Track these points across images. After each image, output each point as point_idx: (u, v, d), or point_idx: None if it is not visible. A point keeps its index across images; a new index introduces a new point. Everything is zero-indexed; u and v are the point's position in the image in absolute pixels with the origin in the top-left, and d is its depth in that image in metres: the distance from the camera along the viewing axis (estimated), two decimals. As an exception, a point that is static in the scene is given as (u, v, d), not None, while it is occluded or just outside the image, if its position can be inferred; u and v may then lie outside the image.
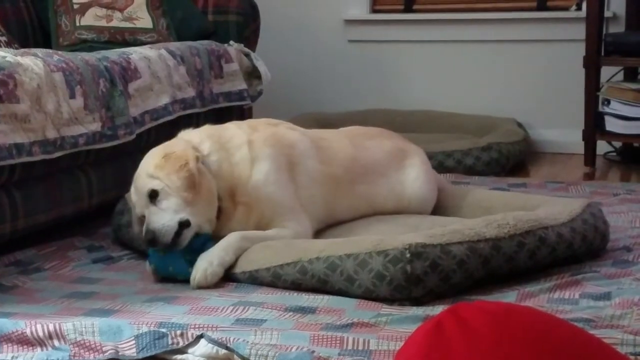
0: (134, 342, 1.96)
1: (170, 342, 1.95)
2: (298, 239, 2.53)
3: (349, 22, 4.99)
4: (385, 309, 2.18)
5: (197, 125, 2.78)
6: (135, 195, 2.51)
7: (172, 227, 2.41)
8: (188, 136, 2.65)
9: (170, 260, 2.44)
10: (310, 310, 2.17)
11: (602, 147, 4.35)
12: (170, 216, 2.41)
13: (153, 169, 2.47)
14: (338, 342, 1.93)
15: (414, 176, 2.89)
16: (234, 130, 2.68)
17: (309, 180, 2.68)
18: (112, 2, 3.78)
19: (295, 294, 2.30)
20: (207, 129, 2.69)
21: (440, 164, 3.84)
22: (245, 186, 2.57)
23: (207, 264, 2.39)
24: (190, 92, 3.45)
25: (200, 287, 2.37)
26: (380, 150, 2.90)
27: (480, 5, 4.83)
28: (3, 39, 3.39)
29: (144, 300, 2.27)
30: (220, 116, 3.61)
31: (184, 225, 2.43)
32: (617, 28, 4.47)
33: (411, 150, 2.97)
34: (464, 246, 2.28)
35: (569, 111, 4.50)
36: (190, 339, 1.95)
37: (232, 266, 2.43)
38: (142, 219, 2.49)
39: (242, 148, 2.61)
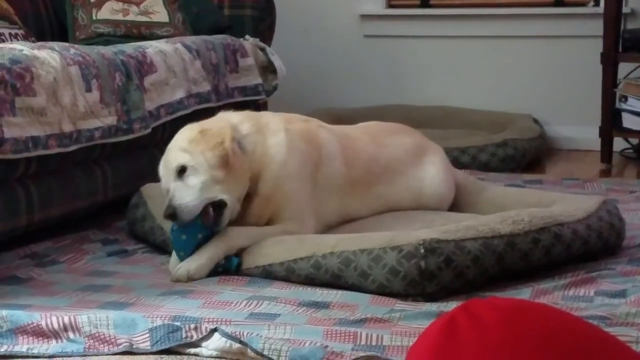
0: (148, 335, 1.97)
1: (184, 335, 1.96)
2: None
3: (365, 17, 4.98)
4: (399, 304, 2.18)
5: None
6: (164, 168, 2.51)
7: (195, 206, 2.38)
8: (228, 116, 2.65)
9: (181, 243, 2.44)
10: (324, 305, 2.17)
11: (618, 144, 4.33)
12: (196, 194, 2.39)
13: (187, 143, 2.45)
14: (351, 337, 1.93)
15: (433, 173, 2.88)
16: (270, 117, 2.69)
17: (328, 183, 2.66)
18: (129, -4, 3.79)
19: (309, 288, 2.30)
20: (247, 112, 2.70)
21: (455, 160, 3.83)
22: (273, 173, 2.55)
23: (194, 261, 2.39)
24: (205, 87, 3.46)
25: (178, 281, 2.36)
26: (399, 147, 2.88)
27: (497, 1, 4.81)
28: (20, 32, 3.40)
29: (158, 293, 2.28)
30: (235, 111, 3.61)
31: (220, 205, 2.42)
32: (635, 24, 4.44)
33: (430, 147, 2.96)
34: (479, 242, 2.27)
35: (586, 108, 4.48)
36: (204, 333, 1.95)
37: (246, 261, 2.44)
38: (167, 193, 2.47)
39: (279, 134, 2.60)
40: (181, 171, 2.43)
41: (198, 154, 2.42)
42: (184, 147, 2.45)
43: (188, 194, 2.39)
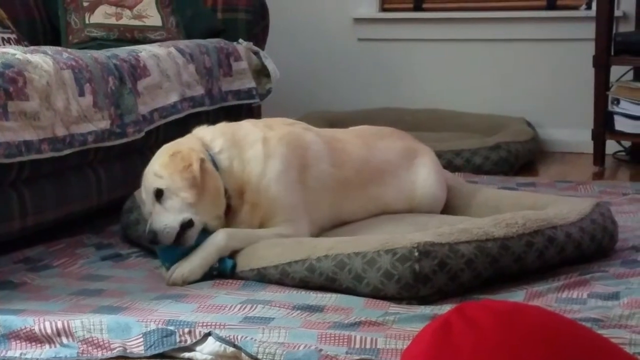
0: (142, 339, 1.96)
1: (178, 339, 1.95)
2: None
3: (359, 20, 4.99)
4: (393, 307, 2.18)
5: (206, 123, 2.78)
6: (144, 192, 2.53)
7: (173, 228, 2.41)
8: (201, 133, 2.66)
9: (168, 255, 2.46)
10: (318, 309, 2.17)
11: (611, 146, 4.34)
12: (173, 217, 2.42)
13: (159, 167, 2.48)
14: (346, 340, 1.93)
15: (425, 175, 2.89)
16: (249, 127, 2.68)
17: (318, 184, 2.67)
18: (122, 0, 3.79)
19: (303, 292, 2.30)
20: (222, 126, 2.69)
21: (449, 163, 3.84)
22: (254, 184, 2.56)
23: (188, 264, 2.41)
24: (199, 90, 3.46)
25: (174, 284, 2.38)
26: (391, 150, 2.89)
27: (489, 4, 4.83)
28: (13, 36, 3.40)
29: (152, 297, 2.28)
30: (229, 114, 3.61)
31: (186, 225, 2.43)
32: (627, 27, 4.46)
33: (421, 150, 2.97)
34: (473, 245, 2.27)
35: (579, 110, 4.49)
36: (198, 337, 1.95)
37: (240, 264, 2.44)
38: (149, 216, 2.50)
39: (256, 145, 2.61)
40: (158, 195, 2.45)
41: (168, 177, 2.44)
42: (156, 171, 2.48)
43: (166, 218, 2.42)
